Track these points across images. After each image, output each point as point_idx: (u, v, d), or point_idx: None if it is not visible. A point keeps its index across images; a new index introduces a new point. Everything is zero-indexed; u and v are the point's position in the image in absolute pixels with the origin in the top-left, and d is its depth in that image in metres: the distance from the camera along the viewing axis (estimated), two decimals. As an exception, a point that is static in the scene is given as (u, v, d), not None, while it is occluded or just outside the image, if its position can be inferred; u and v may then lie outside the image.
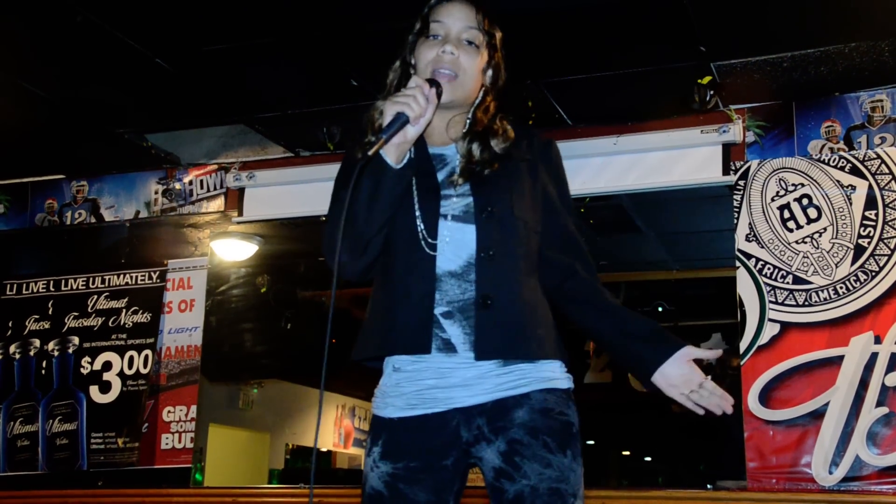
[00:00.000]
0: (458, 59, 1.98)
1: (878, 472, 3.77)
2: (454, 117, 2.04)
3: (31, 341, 5.15)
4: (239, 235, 5.22)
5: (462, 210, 1.94)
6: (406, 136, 1.85)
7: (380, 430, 1.94)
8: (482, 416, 1.88)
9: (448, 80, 1.96)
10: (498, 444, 1.86)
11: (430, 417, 1.89)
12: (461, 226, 1.93)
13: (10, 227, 5.45)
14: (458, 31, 2.01)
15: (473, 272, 1.91)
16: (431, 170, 1.99)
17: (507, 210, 1.95)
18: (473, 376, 1.88)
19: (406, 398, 1.91)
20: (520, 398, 1.88)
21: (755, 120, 4.25)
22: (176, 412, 4.86)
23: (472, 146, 1.99)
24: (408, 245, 1.92)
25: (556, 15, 3.62)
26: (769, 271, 4.07)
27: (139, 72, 4.11)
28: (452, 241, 1.92)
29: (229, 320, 5.89)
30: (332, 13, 3.64)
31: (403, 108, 1.83)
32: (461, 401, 1.88)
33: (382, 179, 1.86)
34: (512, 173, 2.00)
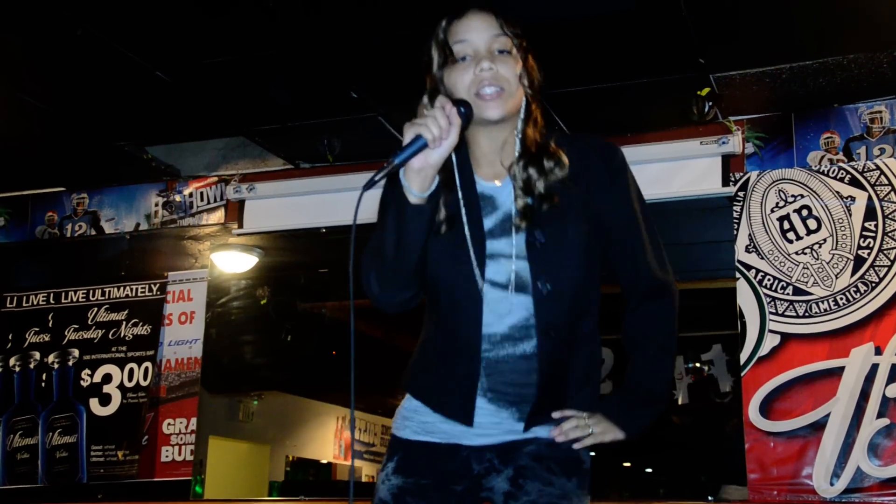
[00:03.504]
0: (497, 72, 1.83)
1: (880, 484, 3.77)
2: (506, 138, 1.89)
3: (31, 354, 5.14)
4: (239, 247, 5.22)
5: (513, 277, 1.84)
6: (428, 160, 1.70)
7: (396, 447, 1.95)
8: (492, 451, 1.89)
9: (497, 99, 1.82)
10: (507, 471, 1.87)
11: (442, 446, 1.91)
12: (511, 295, 1.84)
13: (10, 239, 5.45)
14: (486, 43, 1.85)
15: (519, 333, 1.84)
16: (479, 218, 1.86)
17: (562, 286, 1.84)
18: (489, 423, 1.88)
19: (423, 425, 1.93)
20: (530, 439, 1.88)
21: (754, 131, 4.26)
22: (176, 424, 4.85)
23: (530, 173, 1.85)
24: (452, 306, 1.86)
25: (555, 27, 3.62)
26: (769, 282, 4.07)
27: (139, 84, 4.12)
28: (502, 311, 1.84)
29: (229, 332, 5.88)
30: (331, 25, 3.64)
31: (421, 129, 1.69)
32: (473, 440, 1.89)
33: (404, 210, 1.74)
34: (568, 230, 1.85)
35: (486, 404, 1.87)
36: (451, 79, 1.86)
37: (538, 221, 1.84)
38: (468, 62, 1.84)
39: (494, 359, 1.85)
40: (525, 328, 1.84)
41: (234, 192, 5.00)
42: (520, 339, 1.84)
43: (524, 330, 1.84)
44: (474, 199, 1.87)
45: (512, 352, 1.85)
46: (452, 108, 1.73)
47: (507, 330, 1.84)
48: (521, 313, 1.84)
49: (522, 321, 1.84)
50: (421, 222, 1.76)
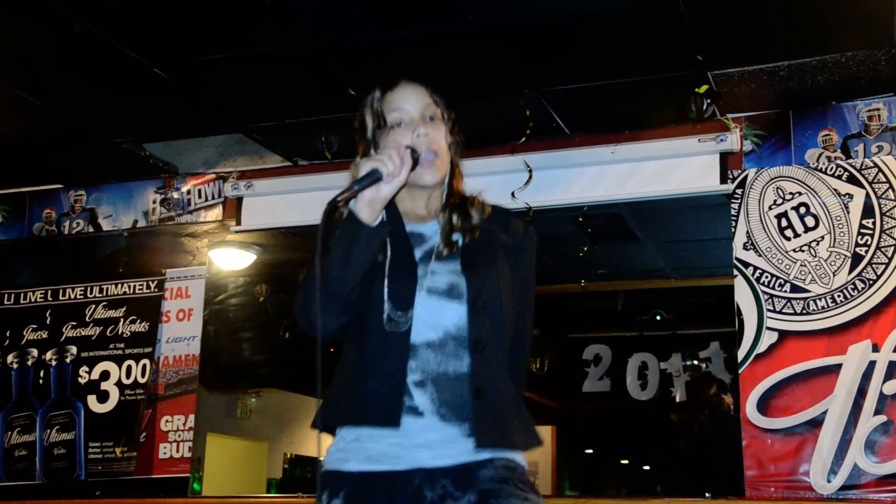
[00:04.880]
0: (432, 137, 2.00)
1: (877, 481, 3.77)
2: (433, 193, 2.06)
3: (29, 351, 5.14)
4: (237, 244, 5.22)
5: (445, 286, 1.95)
6: (379, 194, 1.86)
7: (339, 483, 1.90)
8: (445, 477, 1.87)
9: (434, 162, 1.99)
10: (468, 497, 1.85)
11: (392, 474, 1.88)
12: (441, 301, 1.94)
13: (7, 236, 5.45)
14: (420, 111, 2.02)
15: (452, 345, 1.92)
16: (408, 247, 1.99)
17: (497, 304, 1.98)
18: (438, 440, 1.89)
19: (367, 453, 1.90)
20: (483, 462, 1.89)
21: (752, 129, 4.26)
22: (174, 421, 4.85)
23: (453, 216, 2.01)
24: (379, 319, 1.92)
25: (553, 24, 3.63)
26: (767, 280, 4.07)
27: (137, 81, 4.12)
28: (431, 316, 1.93)
29: (227, 329, 5.88)
30: (329, 23, 3.64)
31: (377, 164, 1.85)
32: (424, 461, 1.87)
33: (356, 236, 1.86)
34: (497, 260, 2.01)
35: (435, 421, 1.89)
36: (387, 143, 2.01)
37: (468, 250, 2.00)
38: (403, 128, 2.01)
39: (436, 374, 1.91)
40: (459, 339, 1.93)
41: (231, 190, 5.00)
42: (457, 352, 1.92)
43: (457, 343, 1.93)
44: (402, 234, 2.01)
45: (456, 368, 1.92)
46: (406, 151, 1.91)
47: (442, 336, 1.92)
48: (454, 322, 1.93)
49: (456, 330, 1.93)
50: (371, 245, 1.89)
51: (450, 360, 1.92)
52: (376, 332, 1.93)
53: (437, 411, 1.89)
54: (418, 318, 1.92)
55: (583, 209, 4.75)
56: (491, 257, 2.01)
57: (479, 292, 1.95)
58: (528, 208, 4.44)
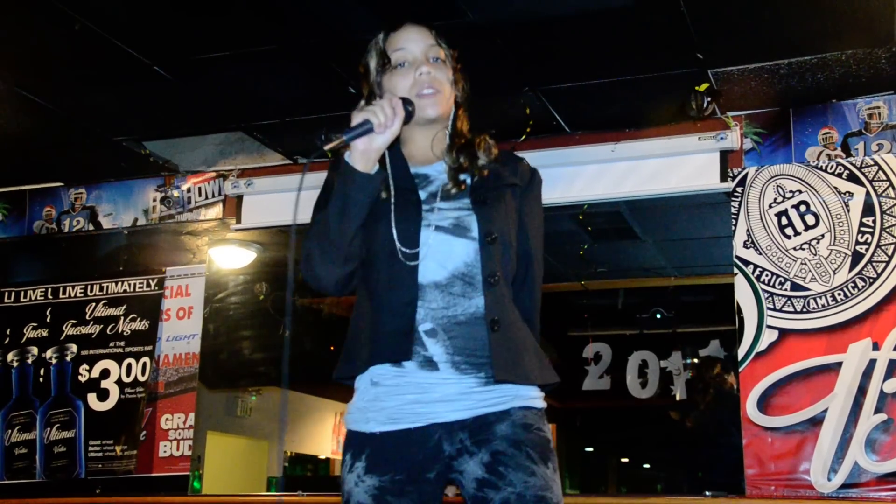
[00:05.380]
0: (434, 76, 2.04)
1: (877, 479, 3.77)
2: (437, 133, 2.09)
3: (29, 349, 5.14)
4: (237, 243, 5.22)
5: (451, 223, 1.97)
6: (372, 144, 1.91)
7: (362, 444, 1.93)
8: (464, 430, 1.90)
9: (434, 97, 2.02)
10: (481, 455, 1.88)
11: (412, 432, 1.90)
12: (448, 238, 1.96)
13: (8, 234, 5.45)
14: (423, 51, 2.06)
15: (459, 285, 1.94)
16: (413, 187, 2.02)
17: (506, 238, 2.00)
18: (455, 392, 1.90)
19: (387, 412, 1.92)
20: (500, 414, 1.91)
21: (753, 127, 4.26)
22: (174, 420, 4.85)
23: (460, 156, 2.04)
24: (389, 258, 1.95)
25: (553, 22, 3.63)
26: (767, 278, 4.07)
27: (137, 79, 4.12)
28: (438, 253, 1.95)
29: (227, 328, 5.87)
30: (330, 20, 3.64)
31: (369, 114, 1.89)
32: (443, 416, 1.90)
33: (350, 185, 1.91)
34: (505, 199, 2.04)
35: (451, 373, 1.90)
36: (390, 82, 2.06)
37: (476, 187, 2.01)
38: (407, 68, 2.05)
39: (445, 319, 1.92)
40: (468, 277, 1.94)
41: (232, 188, 5.00)
42: (465, 291, 1.93)
43: (464, 282, 1.94)
44: (407, 175, 2.03)
45: (465, 311, 1.92)
46: (398, 101, 1.94)
47: (449, 274, 1.94)
48: (462, 259, 1.95)
49: (464, 267, 1.95)
50: (366, 193, 1.92)
51: (458, 301, 1.93)
52: (384, 272, 1.95)
53: (452, 360, 1.91)
54: (425, 255, 1.94)
55: (583, 207, 4.75)
56: (500, 194, 2.03)
57: (489, 227, 1.96)
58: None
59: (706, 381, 6.15)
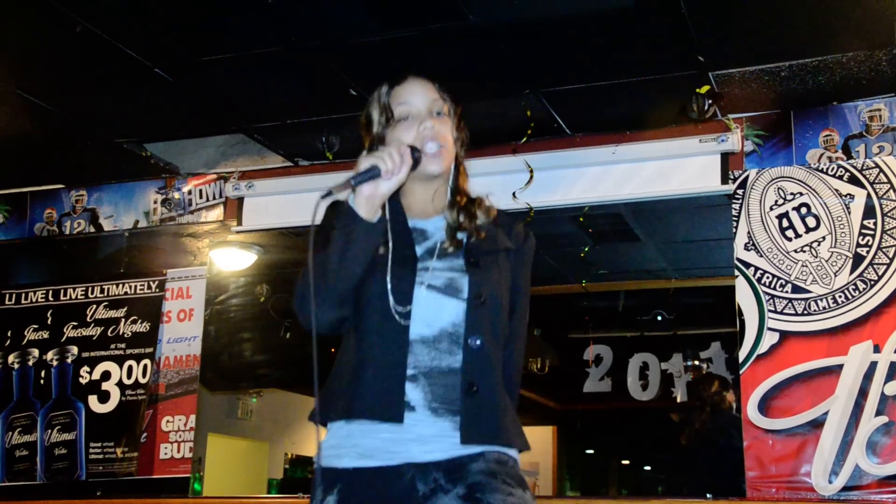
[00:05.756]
0: (438, 130, 2.02)
1: (878, 482, 3.77)
2: (438, 188, 2.09)
3: (30, 351, 5.14)
4: (238, 245, 5.22)
5: (443, 283, 1.97)
6: (377, 190, 1.89)
7: (334, 480, 1.91)
8: (438, 470, 1.89)
9: (439, 152, 2.01)
10: (457, 490, 1.87)
11: (385, 469, 1.89)
12: (439, 297, 1.95)
13: (9, 236, 5.45)
14: (427, 105, 2.06)
15: (446, 342, 1.94)
16: (410, 242, 2.01)
17: (496, 301, 2.00)
18: (430, 434, 1.90)
19: (360, 449, 1.91)
20: (475, 455, 1.91)
21: (753, 129, 4.26)
22: (175, 422, 4.85)
23: (459, 215, 2.04)
24: (379, 312, 1.94)
25: (554, 25, 3.63)
26: (768, 280, 4.07)
27: (138, 81, 4.12)
28: (428, 312, 1.94)
29: (228, 330, 5.89)
30: (331, 23, 3.64)
31: (377, 161, 1.88)
32: (417, 456, 1.89)
33: (353, 231, 1.89)
34: (499, 262, 2.04)
35: (427, 416, 1.90)
36: (393, 136, 2.04)
37: (471, 248, 2.02)
38: (410, 121, 2.04)
39: (428, 369, 1.92)
40: (455, 336, 1.94)
41: (233, 190, 5.00)
42: (451, 348, 1.93)
43: (451, 339, 1.94)
44: (405, 229, 2.03)
45: (449, 364, 1.93)
46: (406, 149, 1.93)
47: (437, 332, 1.94)
48: (451, 319, 1.95)
49: (451, 327, 1.95)
50: (368, 241, 1.91)
51: (443, 356, 1.93)
52: (375, 325, 1.94)
53: (429, 406, 1.91)
54: (415, 313, 1.94)
55: (584, 209, 4.75)
56: (493, 258, 2.03)
57: (479, 288, 1.96)
58: (530, 208, 4.44)
59: (705, 384, 6.15)
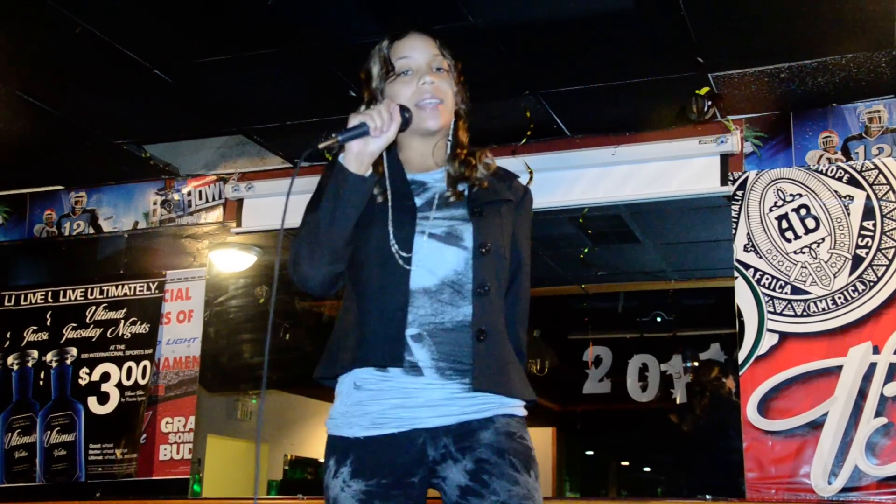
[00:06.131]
0: (437, 85, 2.04)
1: (878, 483, 3.77)
2: (437, 143, 2.10)
3: (30, 352, 5.14)
4: (237, 246, 5.22)
5: (444, 231, 1.98)
6: (366, 147, 1.91)
7: (346, 449, 1.94)
8: (448, 436, 1.91)
9: (437, 108, 2.03)
10: (465, 462, 1.89)
11: (396, 436, 1.91)
12: (440, 245, 1.97)
13: (8, 238, 5.45)
14: (427, 61, 2.07)
15: (448, 292, 1.95)
16: (409, 193, 2.03)
17: (499, 249, 2.01)
18: (439, 398, 1.91)
19: (371, 417, 1.92)
20: (484, 421, 1.92)
21: (753, 130, 4.26)
22: (174, 423, 4.85)
23: (462, 166, 2.06)
24: (381, 261, 1.95)
25: (554, 26, 3.63)
26: (767, 281, 4.07)
27: (138, 83, 4.12)
28: (429, 260, 1.95)
29: (228, 331, 5.87)
30: (330, 24, 3.64)
31: (365, 118, 1.90)
32: (427, 421, 1.91)
33: (343, 187, 1.91)
34: (501, 212, 2.06)
35: (436, 379, 1.91)
36: (392, 90, 2.06)
37: (474, 197, 2.03)
38: (410, 76, 2.05)
39: (432, 326, 1.92)
40: (457, 286, 1.95)
41: (232, 191, 5.00)
42: (454, 299, 1.94)
43: (453, 290, 1.94)
44: (403, 181, 2.04)
45: (453, 318, 1.93)
46: (396, 107, 1.94)
47: (439, 282, 1.94)
48: (453, 267, 1.95)
49: (454, 275, 1.95)
50: (358, 194, 1.92)
51: (446, 309, 1.94)
52: (376, 274, 1.95)
53: (437, 366, 1.91)
54: (416, 261, 1.95)
55: (583, 211, 4.75)
56: (496, 207, 2.05)
57: (484, 237, 1.98)
58: (529, 210, 4.44)
59: (704, 385, 6.15)
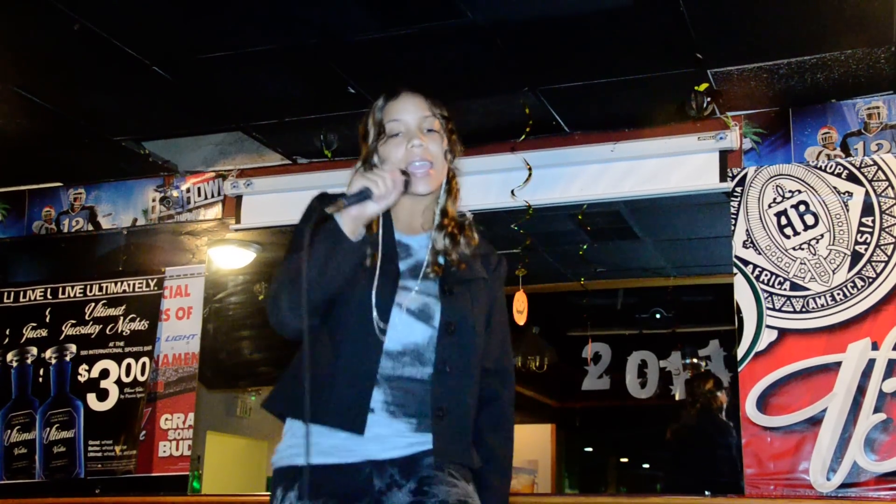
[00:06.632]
0: (427, 148, 2.05)
1: (876, 479, 3.77)
2: (427, 206, 2.12)
3: (29, 349, 5.14)
4: (236, 243, 5.22)
5: (417, 307, 2.02)
6: (364, 212, 1.92)
7: (292, 477, 1.97)
8: (394, 466, 1.98)
9: (427, 172, 2.04)
10: (409, 485, 1.97)
11: (343, 466, 1.96)
12: (412, 321, 2.01)
13: (7, 234, 5.45)
14: (417, 123, 2.07)
15: (409, 358, 2.00)
16: (395, 256, 2.05)
17: (469, 331, 2.05)
18: (386, 434, 1.98)
19: (320, 448, 1.96)
20: (427, 451, 2.00)
21: (752, 127, 4.26)
22: (173, 420, 4.85)
23: (445, 240, 2.09)
24: (360, 325, 1.98)
25: (553, 22, 3.63)
26: (766, 278, 4.08)
27: (137, 80, 4.12)
28: (400, 332, 2.00)
29: (227, 328, 5.87)
30: (328, 21, 3.64)
31: (370, 184, 1.91)
32: (375, 454, 1.97)
33: (337, 248, 1.91)
34: (475, 292, 2.09)
35: (384, 417, 1.98)
36: (384, 152, 2.07)
37: (449, 276, 2.07)
38: (400, 138, 2.06)
39: (392, 376, 1.99)
40: (417, 355, 2.01)
41: (231, 188, 5.00)
42: (413, 363, 2.00)
43: (416, 356, 2.01)
44: (391, 242, 2.07)
45: (409, 374, 2.00)
46: (399, 175, 1.97)
47: (402, 348, 2.00)
48: (417, 340, 2.01)
49: (414, 346, 2.01)
50: (349, 260, 1.93)
51: (405, 367, 2.00)
52: (353, 334, 1.99)
53: (387, 409, 1.98)
54: (389, 333, 1.99)
55: (582, 207, 4.75)
56: (468, 286, 2.09)
57: (450, 316, 2.03)
58: (528, 206, 4.44)
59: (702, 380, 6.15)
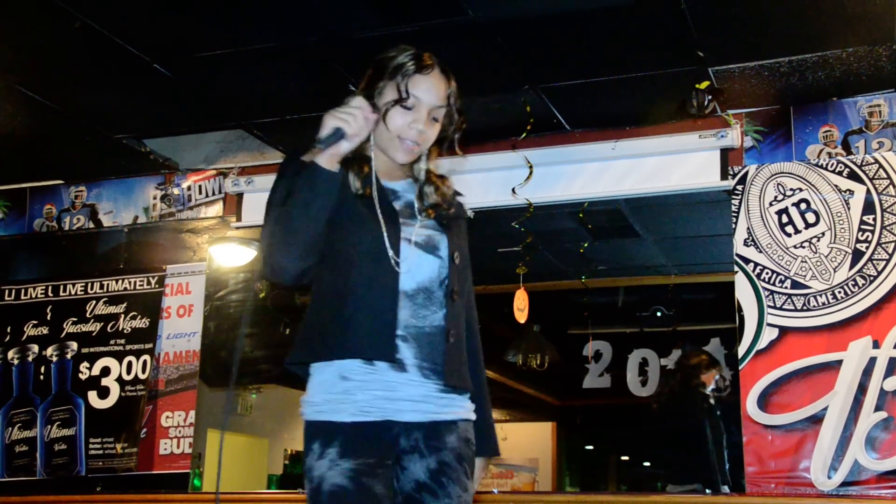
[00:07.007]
0: (424, 134, 2.16)
1: (877, 477, 3.77)
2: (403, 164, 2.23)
3: (30, 347, 5.14)
4: (237, 241, 5.21)
5: (423, 240, 2.15)
6: (339, 150, 2.04)
7: (333, 433, 2.05)
8: (419, 430, 2.10)
9: (411, 150, 2.16)
10: (429, 461, 2.09)
11: (378, 423, 2.06)
12: (421, 253, 2.13)
13: (8, 232, 5.45)
14: (429, 107, 2.15)
15: (421, 297, 2.11)
16: (387, 197, 2.17)
17: (465, 260, 2.23)
18: (419, 395, 2.09)
19: (358, 405, 2.05)
20: (450, 424, 2.13)
21: (753, 125, 4.26)
22: (174, 417, 4.86)
23: (430, 189, 2.21)
24: (371, 259, 2.07)
25: (554, 20, 3.62)
26: (767, 276, 4.07)
27: (137, 77, 4.12)
28: (412, 266, 2.11)
29: (228, 325, 5.88)
30: (330, 18, 3.64)
31: (342, 124, 2.02)
32: (405, 415, 2.08)
33: (317, 182, 2.01)
34: (461, 228, 2.26)
35: (417, 377, 2.09)
36: (391, 113, 2.13)
37: (442, 214, 2.20)
38: (409, 111, 2.13)
39: (415, 329, 2.09)
40: (429, 291, 2.12)
41: (232, 186, 5.00)
42: (426, 304, 2.11)
43: (428, 294, 2.12)
44: (381, 186, 2.17)
45: (428, 322, 2.10)
46: (372, 114, 2.08)
47: (416, 286, 2.11)
48: (429, 274, 2.13)
49: (428, 282, 2.12)
50: (332, 190, 2.03)
51: (422, 312, 2.11)
52: (366, 273, 2.06)
53: (419, 366, 2.09)
54: (402, 266, 2.09)
55: (583, 205, 4.74)
56: (458, 223, 2.25)
57: (454, 247, 2.17)
58: (529, 204, 4.44)
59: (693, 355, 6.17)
